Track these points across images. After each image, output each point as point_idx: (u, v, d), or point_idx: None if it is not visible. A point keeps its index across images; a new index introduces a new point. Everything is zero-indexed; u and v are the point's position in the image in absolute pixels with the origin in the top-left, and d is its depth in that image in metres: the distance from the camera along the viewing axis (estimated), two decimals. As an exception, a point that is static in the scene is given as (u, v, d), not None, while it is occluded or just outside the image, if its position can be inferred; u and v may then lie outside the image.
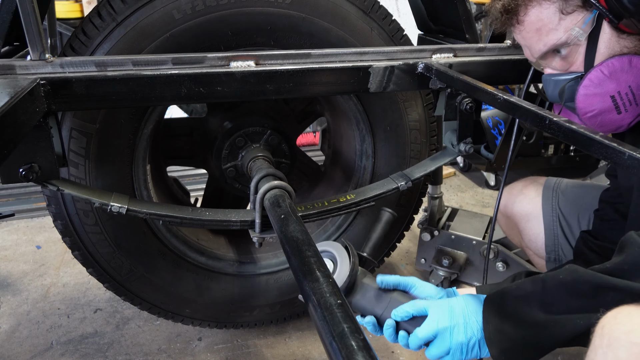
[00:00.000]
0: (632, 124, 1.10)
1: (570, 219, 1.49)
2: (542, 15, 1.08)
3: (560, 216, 1.51)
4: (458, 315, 1.00)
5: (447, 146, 1.49)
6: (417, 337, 1.02)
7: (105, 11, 1.28)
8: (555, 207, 1.52)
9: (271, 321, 1.86)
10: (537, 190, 1.56)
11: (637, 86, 1.06)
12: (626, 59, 1.04)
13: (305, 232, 1.00)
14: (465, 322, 1.00)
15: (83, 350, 1.80)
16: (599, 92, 1.07)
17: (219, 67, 1.23)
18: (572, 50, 1.10)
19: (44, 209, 2.55)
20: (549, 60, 1.15)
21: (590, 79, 1.07)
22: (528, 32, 1.13)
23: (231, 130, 1.68)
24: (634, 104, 1.07)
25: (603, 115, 1.09)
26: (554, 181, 1.57)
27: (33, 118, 1.02)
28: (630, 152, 0.77)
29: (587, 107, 1.09)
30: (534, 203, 1.55)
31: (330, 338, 0.67)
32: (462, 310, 1.01)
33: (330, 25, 1.44)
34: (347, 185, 1.82)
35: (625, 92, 1.06)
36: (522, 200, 1.58)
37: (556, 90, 1.15)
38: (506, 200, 1.62)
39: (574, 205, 1.49)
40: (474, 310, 1.01)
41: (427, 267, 2.14)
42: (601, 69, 1.06)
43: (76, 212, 1.42)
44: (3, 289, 2.13)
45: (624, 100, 1.07)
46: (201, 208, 1.41)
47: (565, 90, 1.12)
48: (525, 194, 1.58)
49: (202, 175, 3.03)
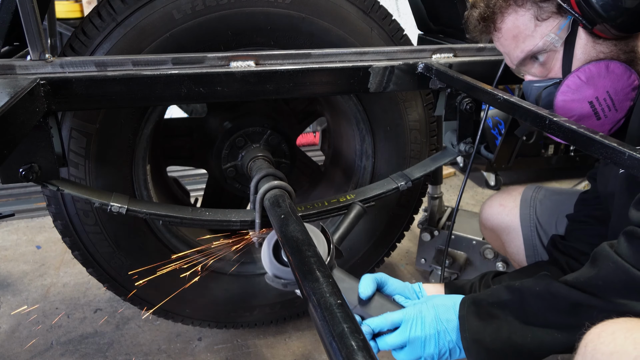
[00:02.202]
0: (613, 130, 1.09)
1: (548, 227, 1.48)
2: (518, 22, 1.08)
3: (538, 226, 1.50)
4: (430, 325, 1.00)
5: (447, 146, 1.49)
6: (386, 342, 1.03)
7: (105, 11, 1.28)
8: (532, 217, 1.51)
9: (271, 321, 1.86)
10: (515, 201, 1.55)
11: (615, 91, 1.05)
12: (603, 64, 1.04)
13: (305, 232, 1.00)
14: (437, 332, 1.00)
15: (83, 350, 1.80)
16: (576, 98, 1.06)
17: (219, 67, 1.23)
18: (549, 57, 1.09)
19: (44, 209, 2.55)
20: (528, 67, 1.14)
21: (567, 85, 1.07)
22: (506, 40, 1.13)
23: (231, 130, 1.68)
24: (612, 110, 1.06)
25: (582, 121, 1.07)
26: (532, 190, 1.56)
27: (33, 118, 1.02)
28: (630, 152, 0.77)
29: (566, 114, 1.08)
30: (512, 215, 1.54)
31: (330, 338, 0.67)
32: (434, 319, 1.01)
33: (330, 25, 1.44)
34: (347, 185, 1.81)
35: (603, 97, 1.05)
36: (500, 213, 1.57)
37: (535, 97, 1.14)
38: (487, 214, 1.62)
39: (551, 214, 1.48)
40: (445, 318, 1.01)
41: (427, 267, 2.14)
42: (578, 75, 1.05)
43: (76, 212, 1.42)
44: (3, 289, 2.13)
45: (602, 106, 1.06)
46: (201, 208, 1.41)
47: (544, 97, 1.12)
48: (504, 205, 1.57)
49: (202, 175, 3.03)
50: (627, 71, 1.04)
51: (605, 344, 0.77)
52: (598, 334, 0.79)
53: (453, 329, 1.00)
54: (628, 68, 1.04)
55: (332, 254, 1.11)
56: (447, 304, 1.04)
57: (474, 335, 0.98)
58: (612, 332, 0.78)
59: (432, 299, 1.06)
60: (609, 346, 0.76)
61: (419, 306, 1.04)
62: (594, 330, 0.80)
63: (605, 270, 0.89)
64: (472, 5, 1.17)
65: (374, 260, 1.84)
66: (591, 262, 0.95)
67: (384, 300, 1.08)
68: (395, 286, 1.12)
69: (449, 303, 1.04)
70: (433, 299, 1.06)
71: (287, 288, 1.12)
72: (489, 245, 1.98)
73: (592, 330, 0.80)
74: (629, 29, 1.01)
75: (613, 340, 0.76)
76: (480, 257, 2.04)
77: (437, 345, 1.00)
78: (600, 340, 0.78)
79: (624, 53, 1.05)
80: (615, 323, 0.79)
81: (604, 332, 0.79)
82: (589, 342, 0.80)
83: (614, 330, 0.78)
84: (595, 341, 0.79)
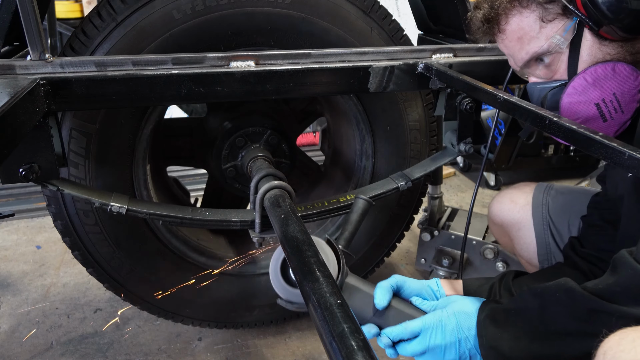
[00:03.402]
0: (619, 132, 1.08)
1: (561, 226, 1.47)
2: (523, 24, 1.08)
3: (551, 224, 1.49)
4: (450, 334, 1.00)
5: (447, 146, 1.49)
6: (406, 350, 1.03)
7: (105, 11, 1.28)
8: (545, 214, 1.50)
9: (271, 321, 1.86)
10: (527, 197, 1.54)
11: (622, 93, 1.04)
12: (609, 66, 1.03)
13: (305, 232, 1.00)
14: (458, 340, 1.00)
15: (83, 350, 1.80)
16: (583, 100, 1.05)
17: (219, 67, 1.23)
18: (554, 59, 1.09)
19: (44, 209, 2.55)
20: (532, 69, 1.14)
21: (573, 86, 1.06)
22: (510, 41, 1.12)
23: (231, 130, 1.68)
24: (619, 112, 1.05)
25: (588, 123, 1.06)
26: (544, 187, 1.55)
27: (33, 118, 1.01)
28: (630, 152, 0.77)
29: (572, 115, 1.08)
30: (523, 211, 1.53)
31: (330, 338, 0.67)
32: (455, 328, 1.01)
33: (330, 25, 1.44)
34: (347, 185, 1.81)
35: (609, 99, 1.04)
36: (511, 209, 1.56)
37: (540, 99, 1.13)
38: (496, 209, 1.61)
39: (564, 212, 1.48)
40: (467, 326, 1.01)
41: (427, 267, 2.14)
42: (584, 77, 1.04)
43: (76, 212, 1.42)
44: (3, 289, 2.13)
45: (609, 108, 1.05)
46: (201, 208, 1.41)
47: (550, 99, 1.11)
48: (515, 201, 1.56)
49: (202, 175, 3.02)
50: (634, 73, 1.03)
51: (626, 352, 0.75)
52: (618, 342, 0.77)
53: (474, 336, 1.00)
54: (634, 70, 1.03)
55: (342, 269, 1.05)
56: (468, 311, 1.02)
57: (492, 342, 0.97)
58: (632, 340, 0.76)
59: (452, 305, 1.04)
60: (629, 354, 0.74)
61: (438, 314, 1.02)
62: (613, 337, 0.78)
63: (624, 277, 0.88)
64: (475, 7, 1.16)
65: (374, 260, 1.84)
66: (611, 269, 0.93)
67: (402, 307, 1.06)
68: (413, 287, 1.11)
69: (471, 310, 1.02)
70: (453, 304, 1.04)
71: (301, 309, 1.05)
72: (489, 245, 1.98)
73: (611, 338, 0.78)
74: (635, 31, 1.00)
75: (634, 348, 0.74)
76: (480, 257, 2.04)
77: (457, 352, 1.00)
78: (620, 348, 0.76)
79: (630, 54, 1.04)
80: (635, 331, 0.77)
81: (624, 339, 0.77)
82: (607, 349, 0.78)
83: (634, 338, 0.76)
84: (614, 348, 0.77)
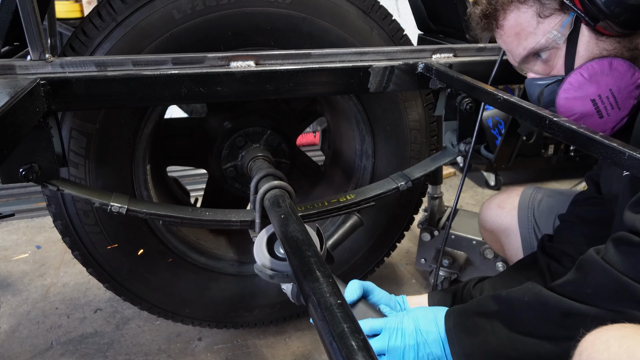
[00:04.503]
0: (616, 129, 1.08)
1: (546, 230, 1.47)
2: (521, 19, 1.08)
3: (536, 228, 1.49)
4: (410, 336, 1.02)
5: (447, 146, 1.49)
6: None
7: (105, 11, 1.28)
8: (530, 219, 1.50)
9: (271, 321, 1.86)
10: (514, 203, 1.54)
11: (618, 89, 1.03)
12: (606, 62, 1.03)
13: (305, 232, 1.01)
14: (417, 343, 1.02)
15: (83, 350, 1.80)
16: (579, 96, 1.05)
17: (219, 67, 1.23)
18: (552, 54, 1.09)
19: (44, 209, 2.55)
20: (530, 65, 1.14)
21: (570, 82, 1.06)
22: (508, 37, 1.12)
23: (231, 130, 1.68)
24: (615, 108, 1.05)
25: (585, 119, 1.07)
26: (531, 192, 1.55)
27: (33, 118, 1.02)
28: (630, 152, 0.77)
29: (568, 111, 1.08)
30: (510, 217, 1.53)
31: (330, 338, 0.67)
32: (414, 330, 1.03)
33: (330, 25, 1.44)
34: (347, 185, 1.81)
35: (606, 95, 1.04)
36: (499, 215, 1.57)
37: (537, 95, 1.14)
38: (486, 215, 1.61)
39: (549, 215, 1.48)
40: (426, 330, 1.03)
41: (427, 267, 2.14)
42: (581, 72, 1.04)
43: (76, 212, 1.42)
44: (3, 289, 2.13)
45: (605, 104, 1.04)
46: (201, 208, 1.41)
47: (547, 94, 1.11)
48: (503, 207, 1.57)
49: (202, 175, 3.02)
50: (631, 69, 1.02)
51: (600, 352, 0.76)
52: (592, 342, 0.79)
53: (433, 340, 1.02)
54: (632, 66, 1.03)
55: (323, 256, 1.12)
56: (428, 316, 1.05)
57: (465, 350, 0.98)
58: (605, 340, 0.77)
59: (414, 311, 1.07)
60: (603, 354, 0.76)
61: (400, 317, 1.05)
62: (588, 337, 0.80)
63: (594, 278, 0.89)
64: (474, 3, 1.17)
65: (374, 260, 1.84)
66: (577, 268, 0.94)
67: (368, 308, 1.11)
68: (381, 296, 1.15)
69: (430, 315, 1.06)
70: (415, 310, 1.08)
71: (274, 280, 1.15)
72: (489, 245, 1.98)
73: (587, 338, 0.80)
74: (632, 26, 1.00)
75: (607, 349, 0.76)
76: (480, 257, 2.04)
77: (416, 355, 1.01)
78: (595, 349, 0.77)
79: (627, 50, 1.04)
80: (609, 330, 0.79)
81: (598, 339, 0.78)
82: (583, 350, 0.79)
83: (607, 339, 0.77)
84: (589, 349, 0.78)
